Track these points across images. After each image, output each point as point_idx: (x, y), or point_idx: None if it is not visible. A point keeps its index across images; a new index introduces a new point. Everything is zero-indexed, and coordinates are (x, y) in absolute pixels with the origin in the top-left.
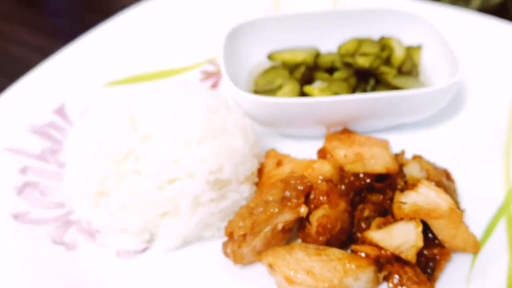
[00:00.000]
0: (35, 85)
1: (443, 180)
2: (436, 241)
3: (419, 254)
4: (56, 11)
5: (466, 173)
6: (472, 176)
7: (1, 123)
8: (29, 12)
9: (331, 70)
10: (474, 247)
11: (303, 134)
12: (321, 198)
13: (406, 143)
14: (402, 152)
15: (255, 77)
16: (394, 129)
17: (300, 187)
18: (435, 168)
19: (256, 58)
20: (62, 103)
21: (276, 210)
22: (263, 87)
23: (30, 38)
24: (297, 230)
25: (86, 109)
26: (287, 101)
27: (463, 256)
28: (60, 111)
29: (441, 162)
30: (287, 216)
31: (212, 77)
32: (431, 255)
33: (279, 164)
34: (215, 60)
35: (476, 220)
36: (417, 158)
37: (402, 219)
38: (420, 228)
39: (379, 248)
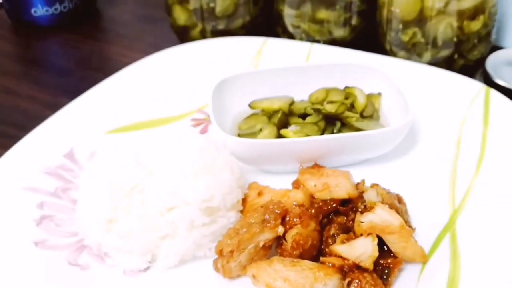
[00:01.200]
0: (47, 134)
1: (395, 203)
2: (391, 254)
3: (376, 263)
4: (62, 70)
5: (417, 198)
6: (422, 200)
7: (19, 167)
8: (36, 72)
9: (303, 115)
10: (422, 257)
11: (280, 170)
12: (295, 220)
13: (367, 174)
14: (363, 181)
15: (238, 123)
16: (357, 163)
17: (278, 211)
18: (389, 193)
19: (239, 107)
20: (71, 148)
21: (258, 230)
22: (246, 131)
23: (38, 94)
24: (275, 247)
25: (93, 152)
26: (266, 142)
27: (413, 265)
28: (70, 155)
29: (395, 189)
30: (267, 235)
31: (202, 123)
32: (386, 264)
33: (260, 194)
34: (204, 109)
35: (425, 236)
36: (374, 186)
37: (361, 235)
38: (376, 241)
39: (343, 259)
